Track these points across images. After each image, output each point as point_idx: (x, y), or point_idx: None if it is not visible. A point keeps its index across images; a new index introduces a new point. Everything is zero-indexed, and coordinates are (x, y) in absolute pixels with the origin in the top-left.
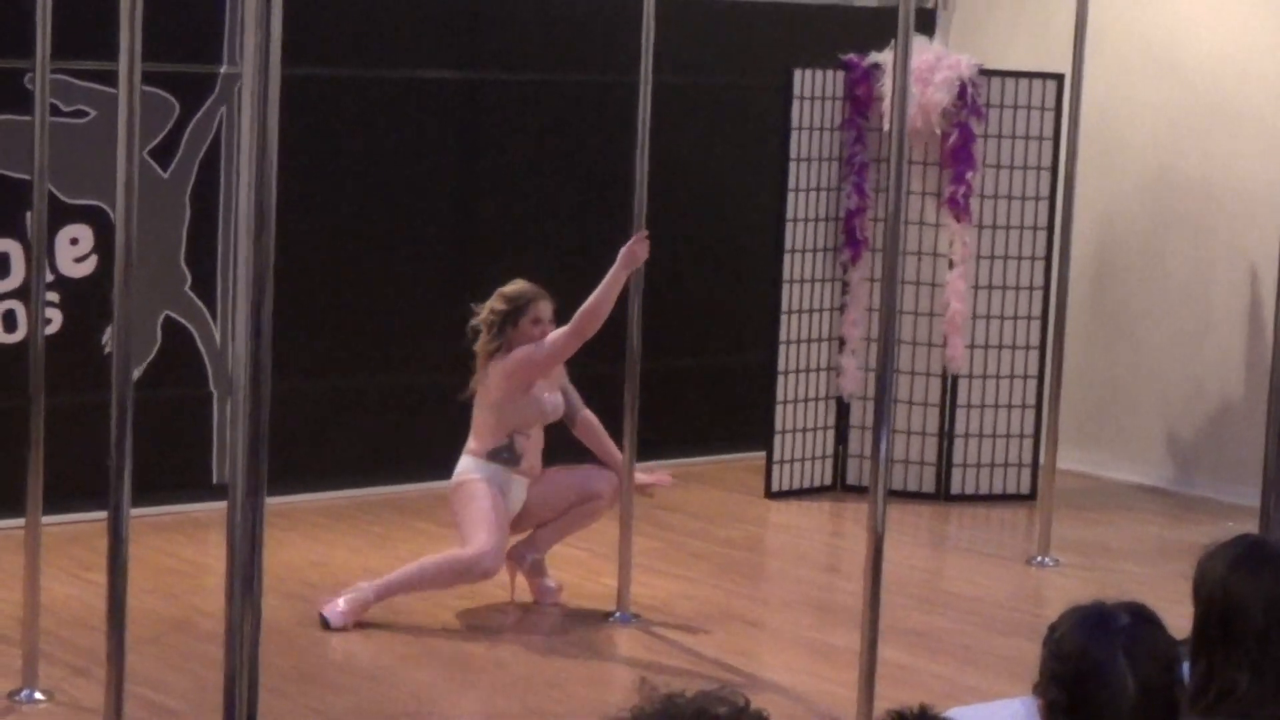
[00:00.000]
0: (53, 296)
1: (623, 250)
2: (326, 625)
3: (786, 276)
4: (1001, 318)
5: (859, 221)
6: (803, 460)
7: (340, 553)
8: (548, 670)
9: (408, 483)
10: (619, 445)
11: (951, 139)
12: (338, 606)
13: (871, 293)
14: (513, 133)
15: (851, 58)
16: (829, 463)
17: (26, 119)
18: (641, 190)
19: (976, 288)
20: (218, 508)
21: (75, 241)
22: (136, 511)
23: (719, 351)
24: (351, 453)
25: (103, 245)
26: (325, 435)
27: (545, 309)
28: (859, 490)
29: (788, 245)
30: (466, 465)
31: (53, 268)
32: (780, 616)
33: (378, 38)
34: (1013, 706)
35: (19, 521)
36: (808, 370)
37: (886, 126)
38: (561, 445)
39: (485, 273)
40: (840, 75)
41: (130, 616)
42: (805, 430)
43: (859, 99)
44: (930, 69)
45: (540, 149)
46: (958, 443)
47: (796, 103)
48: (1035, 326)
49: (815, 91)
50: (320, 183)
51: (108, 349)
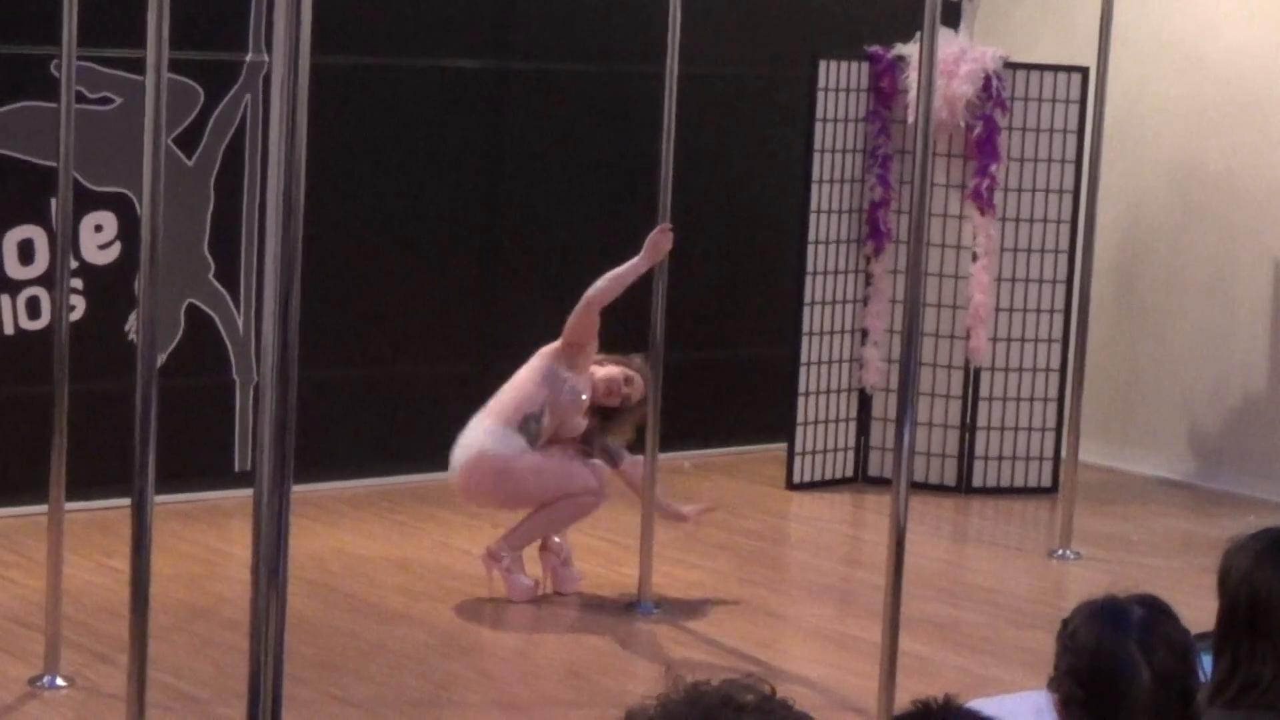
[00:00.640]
0: (77, 283)
1: (648, 241)
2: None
3: (809, 268)
4: (1024, 310)
5: (882, 213)
6: (824, 452)
7: (362, 541)
8: (569, 660)
9: (431, 471)
10: (643, 435)
11: (976, 131)
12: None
13: (894, 285)
14: (539, 122)
15: (876, 49)
16: (851, 455)
17: (52, 106)
18: (667, 180)
19: (1000, 280)
20: (240, 495)
21: (99, 228)
22: (159, 498)
23: (741, 343)
24: (375, 441)
25: (127, 232)
26: (348, 423)
27: (640, 386)
28: (880, 482)
29: (811, 237)
30: (487, 430)
31: (77, 255)
32: (801, 607)
33: (404, 26)
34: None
35: (42, 508)
36: (830, 362)
37: (911, 119)
38: None
39: (511, 262)
40: (865, 67)
41: (152, 603)
42: (827, 422)
43: (883, 91)
44: (955, 61)
45: (566, 139)
46: (980, 435)
47: (821, 94)
48: (1058, 319)
49: (840, 83)
50: (347, 171)
51: (131, 336)
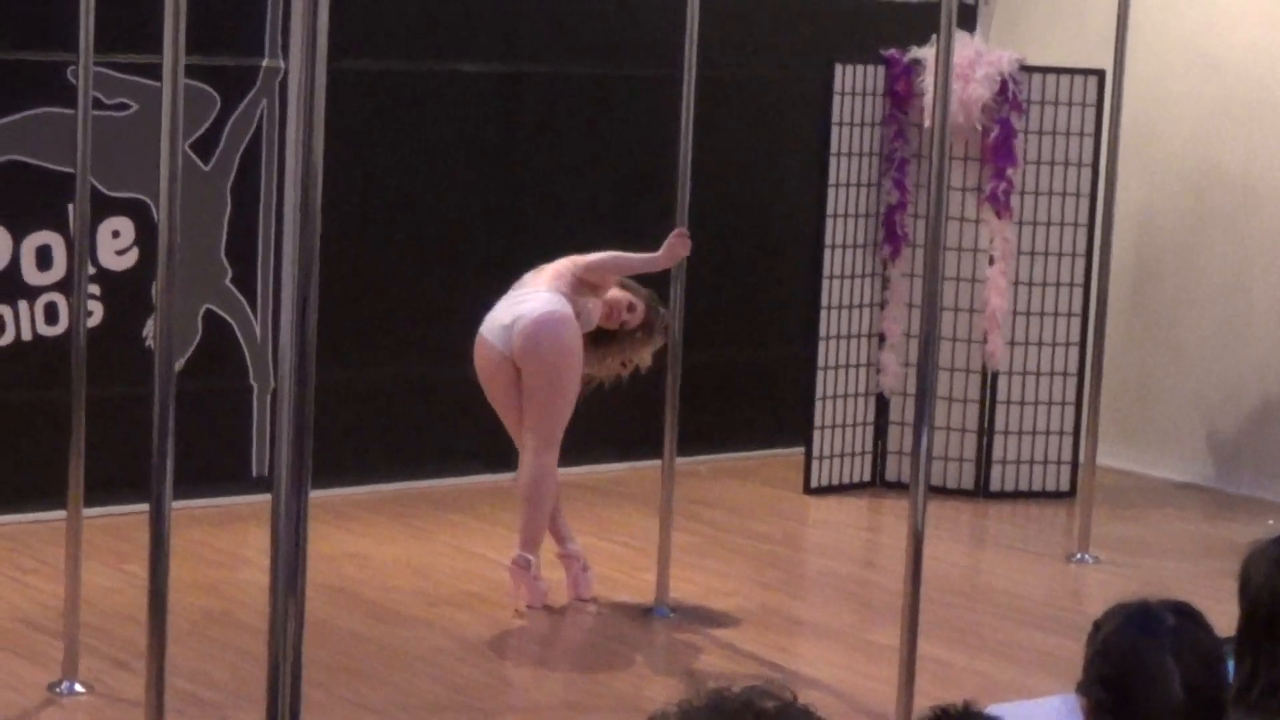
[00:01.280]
0: (94, 289)
1: (667, 243)
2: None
3: (826, 272)
4: (1041, 314)
5: (899, 217)
6: (842, 456)
7: (378, 546)
8: (586, 664)
9: (446, 477)
10: (659, 439)
11: (992, 135)
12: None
13: (911, 288)
14: (555, 126)
15: (892, 53)
16: (868, 459)
17: (69, 112)
18: (684, 184)
19: (1016, 284)
20: (257, 500)
21: (117, 234)
22: (177, 504)
23: (759, 346)
24: (392, 446)
25: (144, 238)
26: (365, 428)
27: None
28: (898, 486)
29: (828, 240)
30: (553, 299)
31: (94, 260)
32: (819, 612)
33: (419, 31)
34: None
35: (60, 513)
36: (847, 366)
37: (927, 122)
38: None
39: (527, 266)
40: (881, 70)
41: (170, 609)
42: (845, 426)
43: (899, 94)
44: (971, 65)
45: (582, 142)
46: (997, 439)
47: (837, 98)
48: (1075, 323)
49: (856, 86)
50: (363, 176)
51: (149, 342)
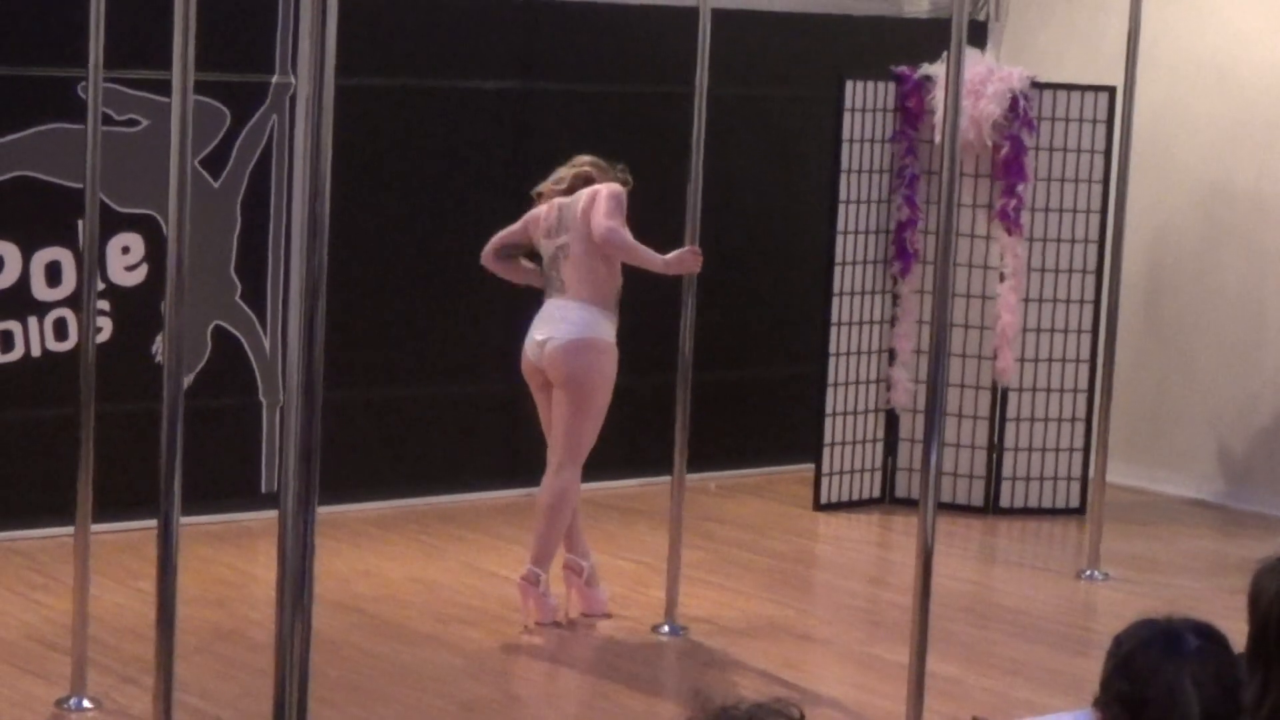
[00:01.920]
0: (104, 305)
1: (678, 254)
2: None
3: (837, 289)
4: (1052, 331)
5: (909, 234)
6: (852, 472)
7: (388, 563)
8: (596, 682)
9: (457, 493)
10: (669, 456)
11: (1003, 152)
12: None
13: (922, 305)
14: (566, 143)
15: (903, 69)
16: (878, 475)
17: (79, 128)
18: (695, 200)
19: (1027, 301)
20: (267, 517)
21: (126, 250)
22: (186, 520)
23: (769, 363)
24: (401, 463)
25: (154, 254)
26: (374, 445)
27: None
28: (908, 503)
29: (838, 257)
30: (595, 318)
31: (104, 276)
32: (829, 629)
33: (430, 48)
34: None
35: (69, 529)
36: (858, 382)
37: (938, 139)
38: None
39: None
40: (892, 87)
41: (179, 625)
42: (855, 443)
43: (910, 111)
44: (982, 81)
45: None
46: (1007, 456)
47: (848, 114)
48: (1086, 340)
49: (866, 103)
50: (373, 193)
51: (158, 358)
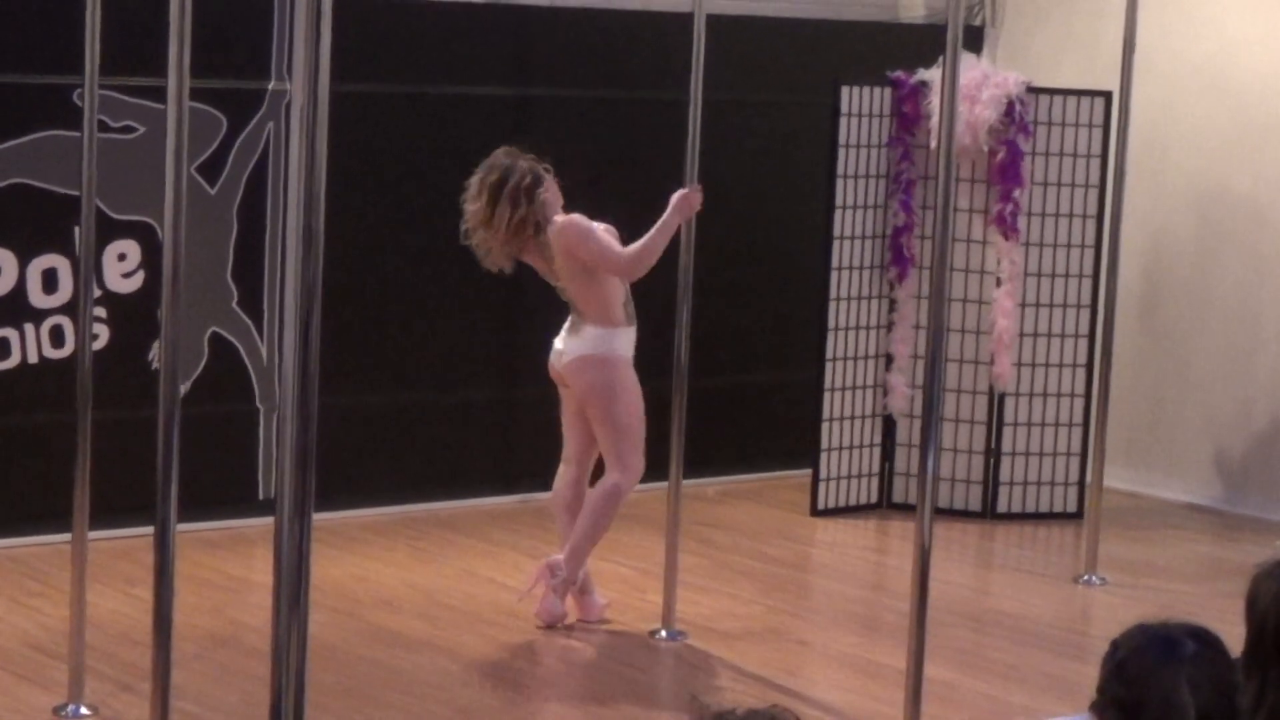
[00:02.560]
0: (100, 312)
1: (676, 197)
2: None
3: (833, 294)
4: (1049, 335)
5: (906, 239)
6: (849, 478)
7: (386, 568)
8: (594, 687)
9: (455, 499)
10: (667, 461)
11: (999, 156)
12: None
13: (919, 310)
14: (562, 149)
15: (899, 75)
16: (875, 480)
17: (75, 135)
18: None
19: (1024, 305)
20: (264, 523)
21: (123, 257)
22: (182, 527)
23: (766, 368)
24: (398, 469)
25: (150, 261)
26: (370, 451)
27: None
28: (905, 508)
29: (835, 262)
30: (601, 338)
31: (100, 283)
32: (826, 634)
33: (426, 54)
34: None
35: (66, 536)
36: (855, 388)
37: (934, 144)
38: None
39: (534, 289)
40: (888, 92)
41: (176, 631)
42: (852, 448)
43: (906, 116)
44: (978, 86)
45: (589, 165)
46: (1004, 461)
47: (844, 120)
48: (1083, 344)
49: (863, 108)
50: (369, 199)
51: (155, 364)
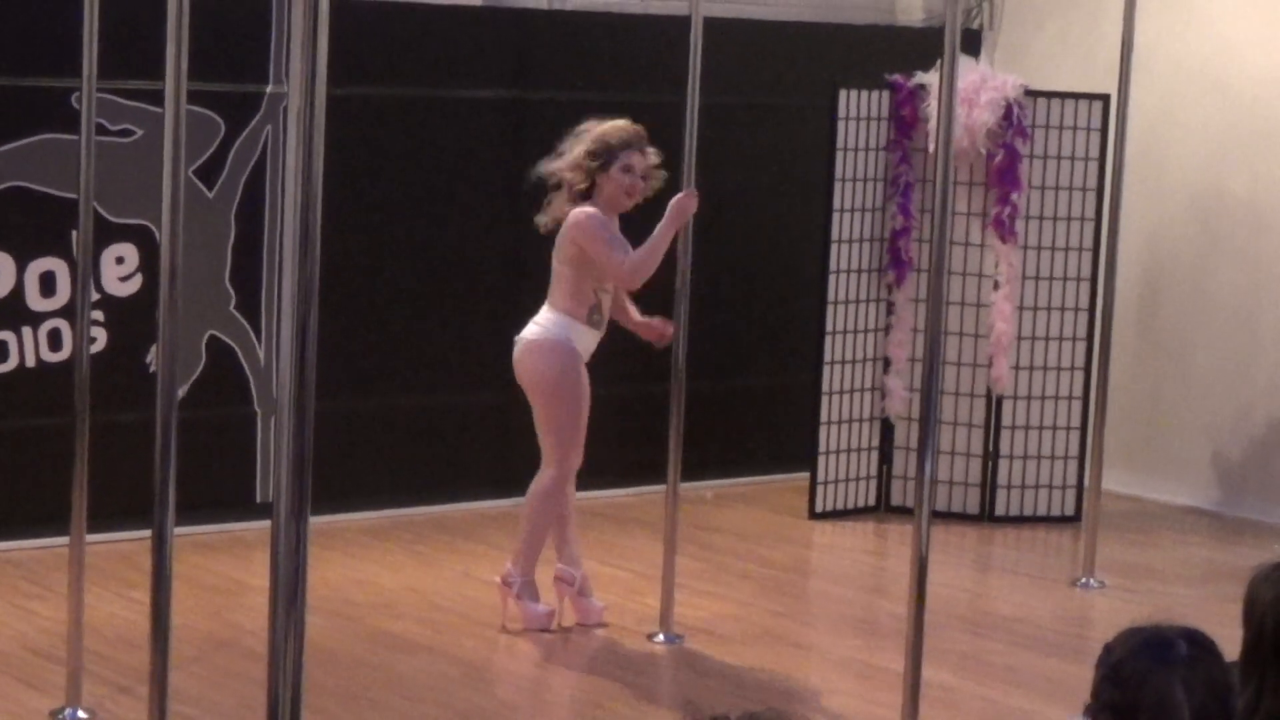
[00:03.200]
0: (98, 315)
1: (672, 203)
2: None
3: (831, 297)
4: (1047, 339)
5: (904, 242)
6: (847, 481)
7: (384, 572)
8: (591, 691)
9: (452, 502)
10: (664, 465)
11: (997, 160)
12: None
13: (916, 313)
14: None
15: (897, 78)
16: (873, 484)
17: (73, 138)
18: None
19: (1021, 309)
20: (261, 526)
21: (121, 260)
22: (180, 530)
23: (764, 372)
24: (396, 472)
25: (148, 264)
26: (369, 454)
27: (639, 160)
28: (903, 511)
29: (833, 266)
30: (559, 325)
31: (98, 286)
32: (824, 637)
33: (424, 57)
34: None
35: (64, 539)
36: (852, 391)
37: (932, 147)
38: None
39: (532, 291)
40: (885, 96)
41: (174, 635)
42: (850, 451)
43: (904, 119)
44: (976, 90)
45: None
46: (1002, 464)
47: (842, 123)
48: (1080, 348)
49: (860, 112)
50: (366, 202)
51: (152, 368)
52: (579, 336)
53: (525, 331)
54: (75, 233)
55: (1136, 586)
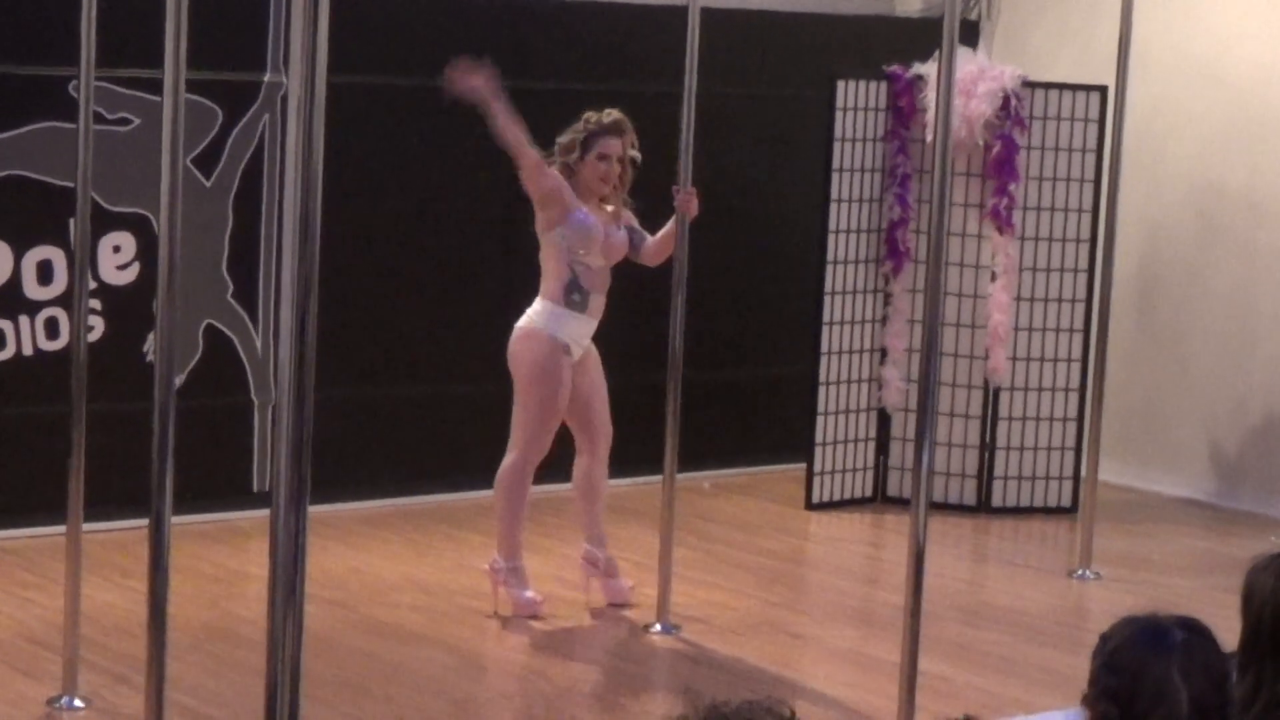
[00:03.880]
0: (95, 304)
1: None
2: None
3: (828, 288)
4: (1044, 330)
5: (901, 233)
6: (844, 472)
7: (381, 561)
8: (588, 680)
9: (450, 492)
10: (661, 455)
11: (995, 151)
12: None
13: (913, 304)
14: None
15: (895, 69)
16: (870, 474)
17: (71, 126)
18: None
19: (1019, 300)
20: (259, 515)
21: (118, 249)
22: (177, 519)
23: (761, 363)
24: (393, 461)
25: (145, 253)
26: (367, 444)
27: (614, 147)
28: (900, 502)
29: (830, 256)
30: (541, 314)
31: (95, 275)
32: (821, 628)
33: (422, 46)
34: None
35: (61, 528)
36: (849, 382)
37: (930, 138)
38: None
39: (530, 281)
40: (883, 86)
41: (171, 623)
42: (846, 442)
43: (902, 110)
44: (974, 80)
45: None
46: (999, 455)
47: (839, 114)
48: (1078, 339)
49: (858, 103)
50: (365, 192)
51: (150, 357)
52: (562, 324)
53: (519, 320)
54: (73, 221)
55: (1133, 577)
